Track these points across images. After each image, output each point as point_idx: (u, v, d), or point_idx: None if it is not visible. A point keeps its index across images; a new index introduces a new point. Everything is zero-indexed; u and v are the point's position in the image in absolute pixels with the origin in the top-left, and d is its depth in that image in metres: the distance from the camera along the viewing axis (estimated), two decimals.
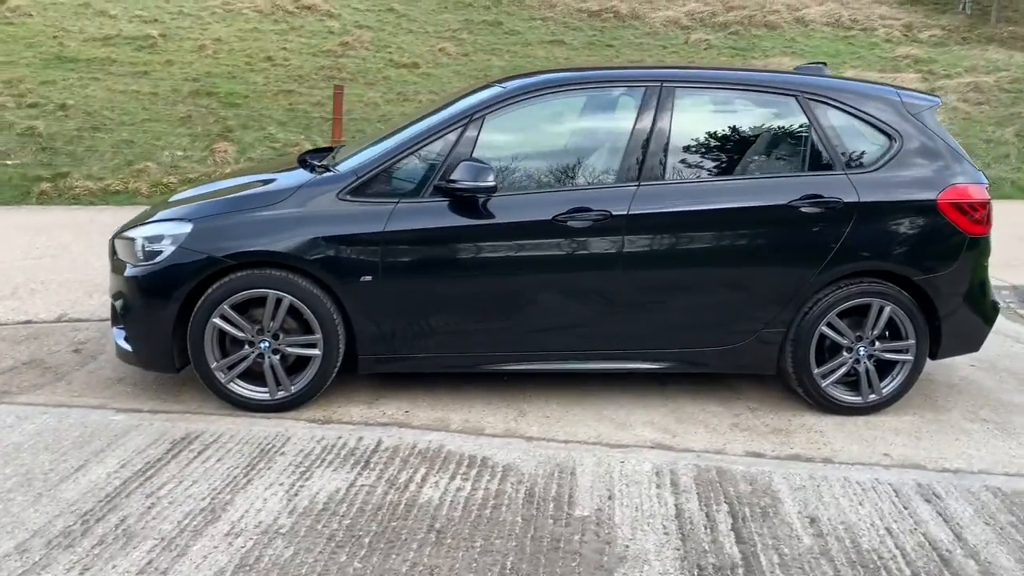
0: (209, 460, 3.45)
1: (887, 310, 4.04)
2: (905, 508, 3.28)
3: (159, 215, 4.01)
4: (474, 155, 3.86)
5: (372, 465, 3.46)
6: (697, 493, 3.34)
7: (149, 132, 10.00)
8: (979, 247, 4.10)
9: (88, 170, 8.93)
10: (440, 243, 3.84)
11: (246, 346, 3.86)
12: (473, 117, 3.90)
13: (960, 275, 4.08)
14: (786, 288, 3.97)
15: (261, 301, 3.82)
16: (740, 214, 3.93)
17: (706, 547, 2.96)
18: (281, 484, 3.28)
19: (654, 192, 3.90)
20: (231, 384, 3.89)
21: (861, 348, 4.08)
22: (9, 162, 8.81)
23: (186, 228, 3.81)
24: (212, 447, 3.56)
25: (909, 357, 4.10)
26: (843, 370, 4.11)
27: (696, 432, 3.93)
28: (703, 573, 2.82)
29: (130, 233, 3.93)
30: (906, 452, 3.80)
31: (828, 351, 4.12)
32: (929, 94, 4.39)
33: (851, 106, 4.06)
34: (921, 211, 4.00)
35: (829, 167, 4.00)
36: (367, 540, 2.92)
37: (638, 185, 3.90)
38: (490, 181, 3.71)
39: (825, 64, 4.62)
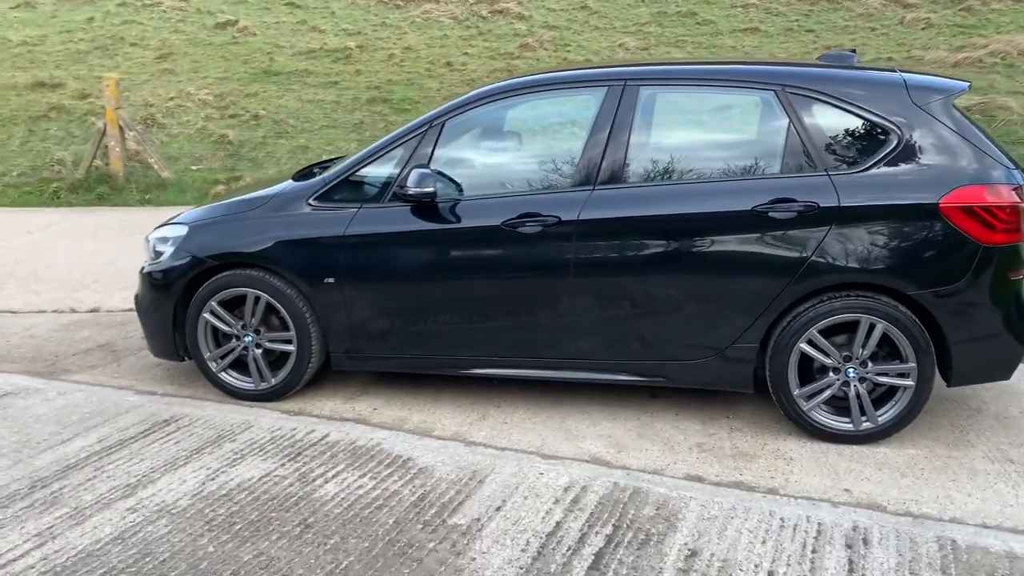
0: (169, 441, 3.83)
1: (878, 328, 3.58)
2: (813, 552, 2.94)
3: (174, 219, 4.46)
4: (432, 161, 3.92)
5: (300, 458, 3.66)
6: (591, 512, 3.20)
7: (324, 138, 10.89)
8: (1001, 258, 3.50)
9: (263, 173, 9.91)
10: (396, 247, 3.96)
11: (234, 340, 4.21)
12: (433, 123, 3.97)
13: (974, 290, 3.52)
14: (754, 301, 3.65)
15: (244, 299, 4.14)
16: (698, 220, 3.67)
17: (553, 569, 2.85)
18: (208, 468, 3.57)
19: (609, 197, 3.75)
20: (222, 374, 4.26)
21: (850, 370, 3.65)
22: (195, 167, 10.01)
23: (183, 231, 4.23)
24: (182, 430, 3.94)
25: (909, 382, 3.61)
26: (828, 393, 3.70)
27: (648, 450, 3.74)
28: None
29: (148, 235, 4.42)
30: (874, 490, 3.37)
31: (818, 371, 3.73)
32: (953, 79, 3.81)
33: (840, 98, 3.63)
34: (919, 216, 3.50)
35: (808, 168, 3.62)
36: (237, 527, 3.12)
37: (592, 190, 3.76)
38: (429, 188, 3.76)
39: (855, 52, 4.16)
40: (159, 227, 4.43)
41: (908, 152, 3.55)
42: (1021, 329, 3.60)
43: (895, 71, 3.75)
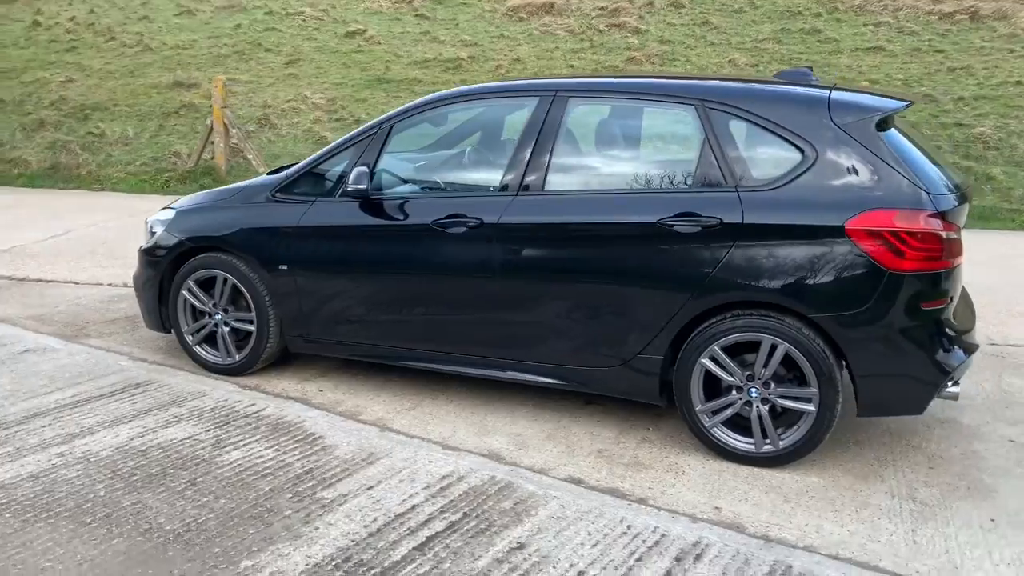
0: (129, 401, 4.26)
1: (780, 349, 3.52)
2: (637, 560, 2.96)
3: (170, 204, 4.93)
4: (380, 161, 4.18)
5: (227, 427, 3.99)
6: (451, 500, 3.34)
7: None
8: (909, 286, 3.37)
9: None
10: (341, 239, 4.23)
11: (206, 317, 4.62)
12: (383, 126, 4.22)
13: (880, 318, 3.40)
14: (657, 313, 3.67)
15: (215, 280, 4.54)
16: (607, 230, 3.72)
17: (380, 544, 3.02)
18: (144, 427, 3.96)
19: (529, 202, 3.87)
20: (196, 347, 4.68)
21: (753, 390, 3.61)
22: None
23: (171, 215, 4.68)
24: (147, 393, 4.37)
25: (811, 408, 3.52)
26: (730, 411, 3.66)
27: (548, 451, 3.83)
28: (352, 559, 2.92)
29: (148, 217, 4.91)
30: (745, 511, 3.32)
31: (724, 389, 3.71)
32: (896, 98, 3.67)
33: (758, 115, 3.59)
34: (823, 237, 3.42)
35: (718, 183, 3.60)
36: (135, 479, 3.48)
37: (515, 195, 3.90)
38: (363, 185, 4.01)
39: (811, 68, 4.09)
40: (159, 211, 4.91)
41: (819, 171, 3.47)
42: (935, 362, 3.43)
43: (831, 89, 3.66)
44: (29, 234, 8.20)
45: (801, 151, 3.51)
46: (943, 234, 3.36)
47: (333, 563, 2.91)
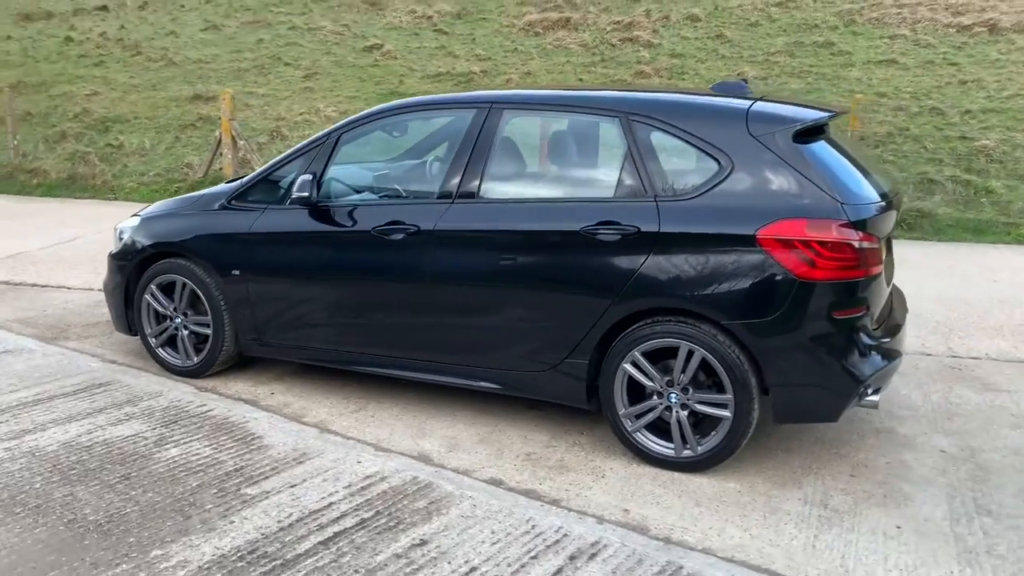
0: (87, 400, 4.44)
1: (697, 355, 3.58)
2: (532, 558, 3.04)
3: (138, 212, 5.12)
4: (327, 170, 4.32)
5: (174, 425, 4.14)
6: (368, 499, 3.44)
7: None
8: (821, 295, 3.41)
9: None
10: (289, 245, 4.38)
11: (167, 320, 4.80)
12: (331, 136, 4.36)
13: (791, 325, 3.45)
14: (580, 319, 3.75)
15: (175, 284, 4.72)
16: (534, 237, 3.82)
17: (287, 539, 3.14)
18: (95, 424, 4.13)
19: (464, 210, 3.98)
20: (158, 349, 4.86)
21: (672, 395, 3.67)
22: None
23: (136, 222, 4.87)
24: (107, 392, 4.54)
25: (727, 414, 3.58)
26: (651, 416, 3.73)
27: (477, 453, 3.92)
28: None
29: (117, 224, 5.11)
30: (653, 514, 3.39)
31: (648, 394, 3.78)
32: (822, 109, 3.74)
33: (678, 127, 3.67)
34: (736, 245, 3.48)
35: (639, 193, 3.68)
36: (72, 473, 3.64)
37: (451, 203, 4.01)
38: (305, 192, 4.16)
39: (746, 81, 4.16)
40: (128, 218, 5.10)
41: (734, 182, 3.54)
42: (847, 371, 3.46)
43: (755, 101, 3.73)
44: (35, 241, 8.50)
45: (718, 162, 3.58)
46: (857, 244, 3.40)
47: (238, 555, 3.03)
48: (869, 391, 3.56)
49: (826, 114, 3.72)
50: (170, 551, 3.05)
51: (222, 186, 4.83)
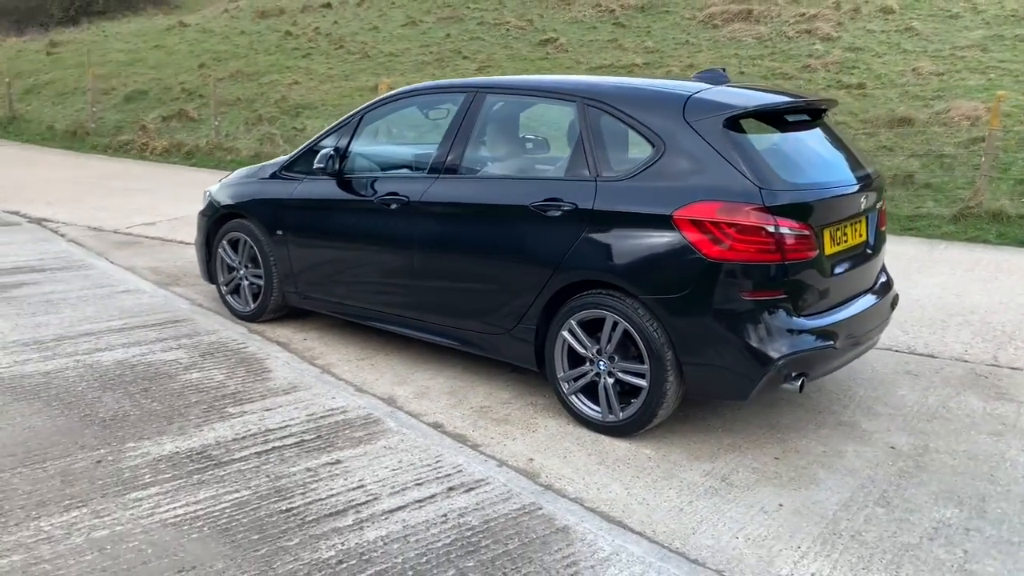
0: (156, 331, 5.33)
1: (620, 326, 3.83)
2: (418, 485, 3.45)
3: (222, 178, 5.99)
4: (351, 145, 4.93)
5: (209, 356, 4.92)
6: (322, 425, 3.98)
7: None
8: (729, 276, 3.55)
9: None
10: (315, 210, 5.02)
11: (234, 272, 5.63)
12: (355, 115, 4.96)
13: (698, 304, 3.61)
14: (530, 288, 4.08)
15: (239, 241, 5.53)
16: (495, 210, 4.19)
17: (236, 446, 3.76)
18: (150, 349, 4.99)
19: (445, 184, 4.43)
20: (227, 296, 5.70)
21: (601, 363, 3.94)
22: None
23: (217, 187, 5.74)
24: (175, 327, 5.42)
25: (644, 383, 3.80)
26: (583, 381, 4.01)
27: (436, 402, 4.36)
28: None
29: (206, 187, 6.01)
30: (552, 466, 3.68)
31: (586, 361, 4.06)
32: (793, 96, 3.86)
33: (622, 111, 3.91)
34: (655, 225, 3.68)
35: (584, 173, 3.97)
36: (111, 382, 4.47)
37: (437, 177, 4.48)
38: (322, 164, 4.79)
39: (724, 70, 4.31)
40: (216, 183, 5.99)
41: (664, 164, 3.73)
42: (754, 352, 3.57)
43: (713, 87, 3.91)
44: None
45: (653, 145, 3.78)
46: (771, 228, 3.50)
47: (188, 454, 3.68)
48: (793, 375, 3.62)
49: (779, 100, 3.83)
50: (141, 445, 3.75)
51: (280, 158, 5.56)
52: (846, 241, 3.95)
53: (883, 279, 4.38)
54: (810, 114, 4.28)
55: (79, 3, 33.03)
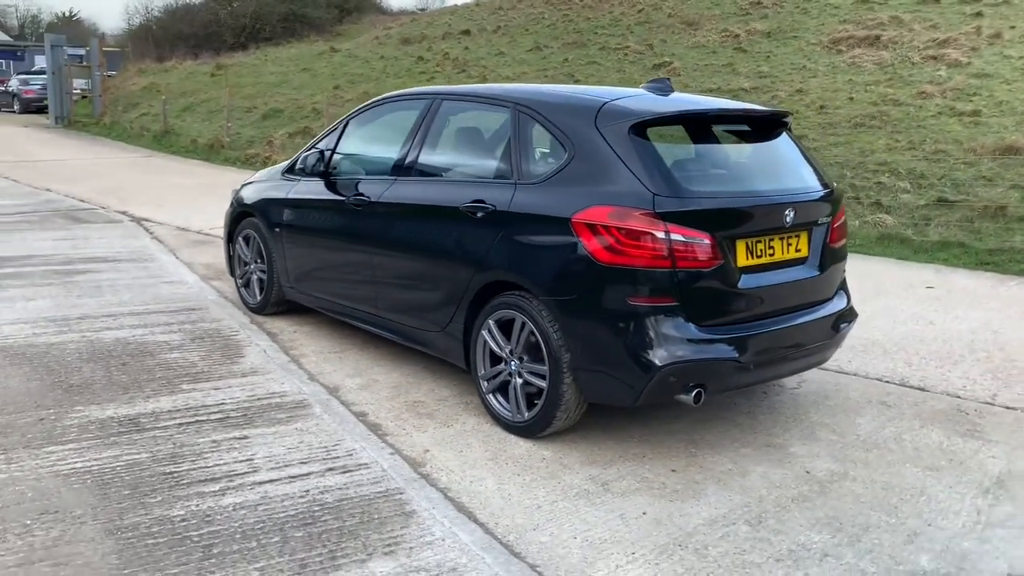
0: (167, 316, 5.79)
1: (527, 327, 3.89)
2: (303, 464, 3.65)
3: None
4: (337, 150, 5.22)
5: (198, 340, 5.31)
6: (266, 405, 4.24)
7: None
8: (616, 281, 3.53)
9: None
10: (302, 209, 5.35)
11: (246, 265, 6.05)
12: (341, 121, 5.26)
13: (588, 307, 3.62)
14: (457, 287, 4.20)
15: (250, 238, 5.95)
16: (433, 211, 4.35)
17: (171, 418, 4.09)
18: (151, 331, 5.44)
19: (400, 186, 4.63)
20: (240, 289, 6.13)
21: (513, 363, 4.01)
22: None
23: (240, 186, 6.19)
24: (187, 314, 5.87)
25: (544, 385, 3.84)
26: (498, 380, 4.08)
27: (376, 394, 4.52)
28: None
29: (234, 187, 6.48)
30: (442, 456, 3.75)
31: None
32: (725, 105, 3.89)
33: (547, 119, 3.97)
34: (556, 227, 3.72)
35: (509, 176, 4.05)
36: (99, 356, 4.92)
37: (395, 179, 4.69)
38: (302, 166, 5.11)
39: (668, 80, 4.32)
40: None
41: (572, 169, 3.77)
42: (636, 359, 3.53)
43: (628, 95, 3.93)
44: None
45: (566, 150, 3.83)
46: (659, 234, 3.47)
47: (121, 420, 4.02)
48: (689, 386, 3.56)
49: (699, 109, 3.86)
50: (87, 409, 4.13)
51: (287, 161, 5.93)
52: (771, 254, 3.83)
53: (832, 298, 4.19)
54: (760, 125, 4.19)
55: (249, 30, 35.76)
